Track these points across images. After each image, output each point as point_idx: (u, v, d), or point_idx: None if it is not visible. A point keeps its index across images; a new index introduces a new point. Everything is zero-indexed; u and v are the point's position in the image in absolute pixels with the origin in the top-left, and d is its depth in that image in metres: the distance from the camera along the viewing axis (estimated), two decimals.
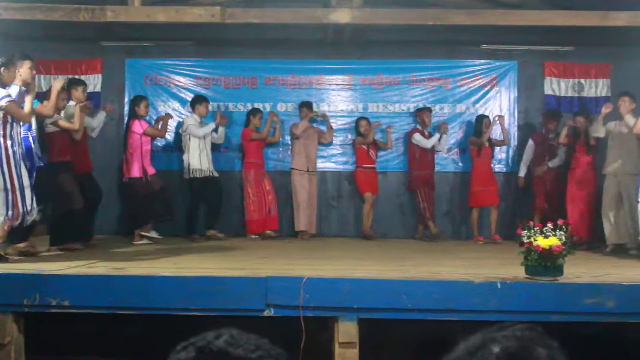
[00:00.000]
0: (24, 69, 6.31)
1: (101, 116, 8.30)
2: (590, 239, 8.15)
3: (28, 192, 6.08)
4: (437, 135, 9.14)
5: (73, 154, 7.34)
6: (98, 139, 8.41)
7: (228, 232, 9.20)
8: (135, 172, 8.14)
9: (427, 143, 9.11)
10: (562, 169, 8.80)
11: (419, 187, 9.16)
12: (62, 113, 7.30)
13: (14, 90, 6.22)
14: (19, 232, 6.28)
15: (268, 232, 8.98)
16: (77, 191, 7.15)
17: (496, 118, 9.18)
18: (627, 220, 7.58)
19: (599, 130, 7.90)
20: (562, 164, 8.81)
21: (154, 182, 8.21)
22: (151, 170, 8.20)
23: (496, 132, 9.34)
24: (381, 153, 9.53)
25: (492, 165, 9.28)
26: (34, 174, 6.28)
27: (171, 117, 8.96)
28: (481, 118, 9.18)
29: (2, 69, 6.04)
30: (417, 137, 9.15)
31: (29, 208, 6.08)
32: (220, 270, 5.71)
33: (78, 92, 7.65)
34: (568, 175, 8.43)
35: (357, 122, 9.32)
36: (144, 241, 8.05)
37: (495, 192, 9.11)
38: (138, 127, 8.18)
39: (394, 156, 9.61)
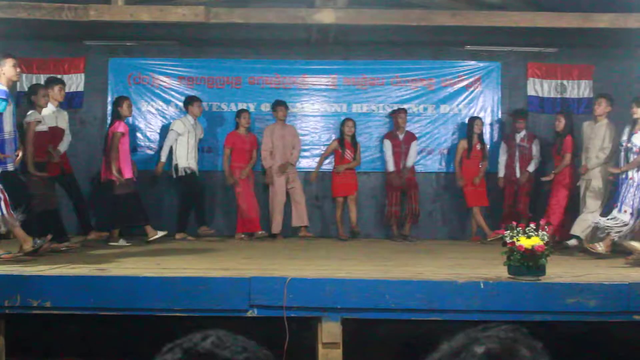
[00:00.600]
0: (7, 68, 6.23)
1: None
2: (567, 239, 8.20)
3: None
4: (391, 166, 9.11)
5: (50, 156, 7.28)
6: (79, 139, 8.31)
7: (213, 233, 9.20)
8: (112, 173, 8.07)
9: (388, 161, 9.15)
10: (536, 174, 8.91)
11: (389, 189, 9.19)
12: (42, 112, 7.25)
13: None
14: None
15: (260, 232, 8.95)
16: (53, 191, 7.07)
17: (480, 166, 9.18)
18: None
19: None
20: (539, 167, 8.92)
21: (126, 186, 8.05)
22: (127, 174, 8.05)
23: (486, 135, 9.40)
24: (365, 153, 9.51)
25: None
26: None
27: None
28: (472, 120, 9.23)
29: None
30: (385, 146, 9.23)
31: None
32: (204, 271, 5.69)
33: (54, 92, 7.57)
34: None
35: (343, 122, 9.30)
36: (120, 242, 7.97)
37: (484, 192, 9.16)
38: (116, 128, 8.12)
39: (376, 157, 9.62)
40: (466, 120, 9.39)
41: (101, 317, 5.09)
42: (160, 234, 8.14)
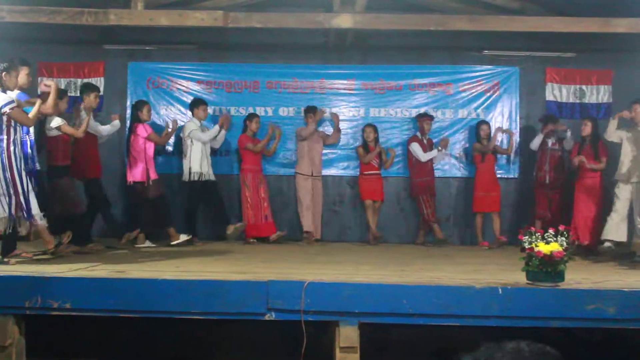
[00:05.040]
0: (21, 75, 6.32)
1: (114, 127, 8.07)
2: (597, 246, 8.08)
3: (32, 197, 6.12)
4: (434, 151, 9.17)
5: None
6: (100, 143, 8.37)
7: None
8: (138, 176, 8.15)
9: (423, 157, 9.15)
10: (567, 177, 8.81)
11: (421, 193, 9.17)
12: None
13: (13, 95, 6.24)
14: (10, 238, 6.24)
15: (275, 235, 8.98)
16: (79, 195, 7.16)
17: (505, 130, 9.32)
18: (635, 225, 7.53)
19: (612, 136, 7.87)
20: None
21: (154, 188, 8.17)
22: (153, 176, 8.19)
23: (498, 140, 9.35)
24: (384, 157, 9.50)
25: (495, 171, 9.28)
26: (33, 178, 6.27)
27: (177, 124, 8.88)
28: (479, 124, 9.23)
29: (4, 73, 6.05)
30: (414, 148, 9.19)
31: (33, 212, 6.11)
32: (221, 274, 5.70)
33: (90, 98, 7.65)
34: (576, 182, 8.38)
35: (363, 129, 9.36)
36: (147, 244, 8.07)
37: (497, 198, 9.13)
38: (142, 130, 8.19)
39: (395, 161, 9.60)
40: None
41: (120, 319, 5.12)
42: (183, 237, 8.19)
